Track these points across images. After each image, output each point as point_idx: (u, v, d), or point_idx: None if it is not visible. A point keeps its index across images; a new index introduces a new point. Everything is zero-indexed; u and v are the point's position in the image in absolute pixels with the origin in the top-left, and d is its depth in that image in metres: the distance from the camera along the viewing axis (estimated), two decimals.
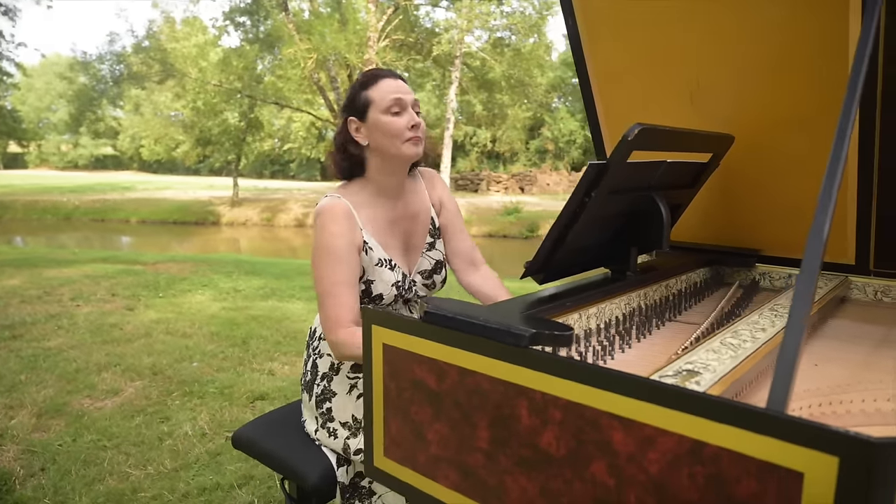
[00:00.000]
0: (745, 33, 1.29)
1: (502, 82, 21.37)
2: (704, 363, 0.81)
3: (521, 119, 26.61)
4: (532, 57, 20.87)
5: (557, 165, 30.69)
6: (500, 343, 0.86)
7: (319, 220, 1.40)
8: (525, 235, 16.62)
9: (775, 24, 1.24)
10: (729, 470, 0.67)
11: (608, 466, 0.76)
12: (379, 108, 1.38)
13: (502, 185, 27.20)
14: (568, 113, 31.96)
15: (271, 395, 3.16)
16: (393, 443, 1.04)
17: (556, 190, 27.32)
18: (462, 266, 1.64)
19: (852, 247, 1.39)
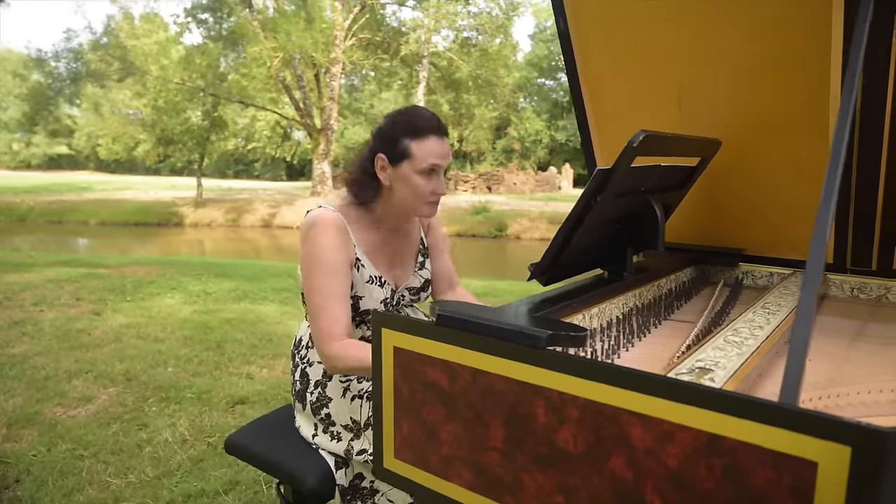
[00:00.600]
0: (731, 40, 1.34)
1: (469, 82, 21.49)
2: (714, 360, 0.85)
3: (487, 119, 26.79)
4: (499, 57, 21.05)
5: (524, 165, 30.98)
6: (517, 344, 0.88)
7: (313, 231, 1.39)
8: (494, 235, 16.74)
9: (760, 31, 1.30)
10: (745, 461, 0.70)
11: (627, 461, 0.79)
12: (415, 167, 1.36)
13: (470, 184, 27.32)
14: (534, 113, 32.30)
15: (251, 399, 3.13)
16: (404, 444, 1.05)
17: (523, 189, 27.56)
18: (442, 287, 1.67)
19: (831, 246, 1.46)
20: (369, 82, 30.86)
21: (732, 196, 1.56)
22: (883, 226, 1.35)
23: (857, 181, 1.33)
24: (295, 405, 1.61)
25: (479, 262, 14.04)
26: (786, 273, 1.54)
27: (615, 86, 1.51)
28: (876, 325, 1.25)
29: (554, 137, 32.15)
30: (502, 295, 6.50)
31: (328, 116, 19.46)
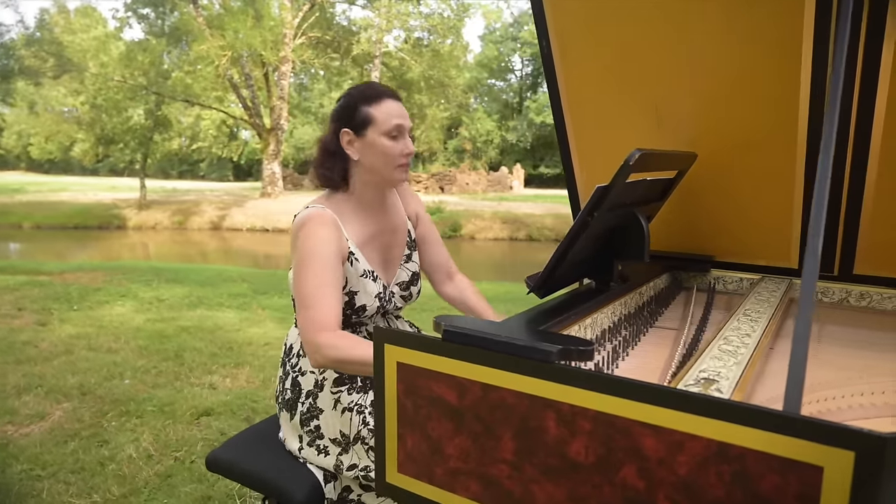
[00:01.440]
0: (706, 60, 1.40)
1: (421, 82, 21.49)
2: (716, 371, 0.90)
3: (439, 119, 26.85)
4: (450, 58, 21.14)
5: (476, 165, 31.22)
6: (527, 359, 0.90)
7: (305, 229, 1.38)
8: (448, 235, 16.80)
9: (733, 51, 1.36)
10: (753, 468, 0.75)
11: (638, 470, 0.83)
12: (379, 129, 1.38)
13: (422, 184, 27.33)
14: (485, 113, 32.60)
15: (217, 411, 3.06)
16: (408, 458, 1.06)
17: (476, 189, 27.77)
18: (440, 277, 1.69)
19: (796, 253, 1.55)
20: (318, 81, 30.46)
21: (704, 206, 1.63)
22: (845, 233, 1.45)
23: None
24: (280, 415, 1.58)
25: None
26: (754, 278, 1.62)
27: (596, 103, 1.56)
28: (835, 328, 1.34)
29: (505, 138, 32.52)
30: None
31: (278, 116, 19.10)
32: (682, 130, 1.50)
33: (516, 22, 33.23)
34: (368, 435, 1.44)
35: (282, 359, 1.62)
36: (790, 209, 1.47)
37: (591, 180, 1.70)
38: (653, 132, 1.53)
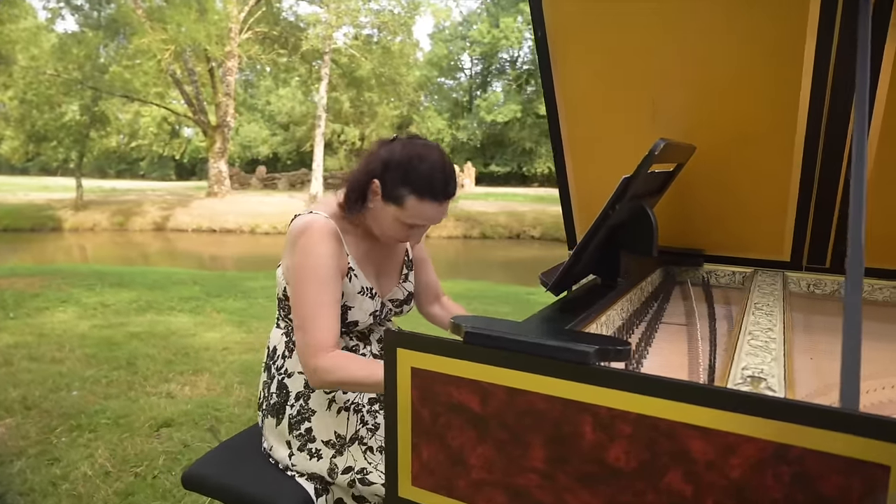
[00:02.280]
0: (704, 54, 1.39)
1: (372, 80, 21.25)
2: (759, 368, 0.86)
3: (389, 117, 26.64)
4: (401, 55, 20.99)
5: None
6: (560, 361, 0.85)
7: (306, 238, 1.32)
8: None
9: (731, 47, 1.35)
10: (814, 468, 0.71)
11: (685, 475, 0.78)
12: (402, 216, 1.31)
13: None
14: (435, 112, 32.52)
15: (177, 421, 2.89)
16: (424, 470, 0.99)
17: None
18: (429, 298, 1.68)
19: (789, 246, 1.55)
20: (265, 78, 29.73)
21: (697, 200, 1.62)
22: (838, 225, 1.46)
23: (819, 184, 1.42)
24: (264, 422, 1.48)
25: None
26: (747, 272, 1.62)
27: (591, 95, 1.53)
28: (829, 319, 1.34)
29: (455, 136, 32.56)
30: None
31: (224, 113, 18.52)
32: (677, 124, 1.48)
33: (465, 21, 33.31)
34: (367, 435, 1.38)
35: (265, 363, 1.53)
36: (785, 203, 1.48)
37: (582, 173, 1.67)
38: (647, 126, 1.51)
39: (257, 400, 1.54)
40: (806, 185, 1.43)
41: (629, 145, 1.61)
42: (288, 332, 1.48)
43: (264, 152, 34.34)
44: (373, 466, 1.36)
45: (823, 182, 1.42)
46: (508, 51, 32.84)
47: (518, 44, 31.86)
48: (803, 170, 1.41)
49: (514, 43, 31.49)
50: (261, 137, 34.29)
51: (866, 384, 0.95)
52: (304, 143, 28.27)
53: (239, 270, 8.82)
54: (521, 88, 32.14)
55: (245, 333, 4.58)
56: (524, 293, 7.02)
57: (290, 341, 1.47)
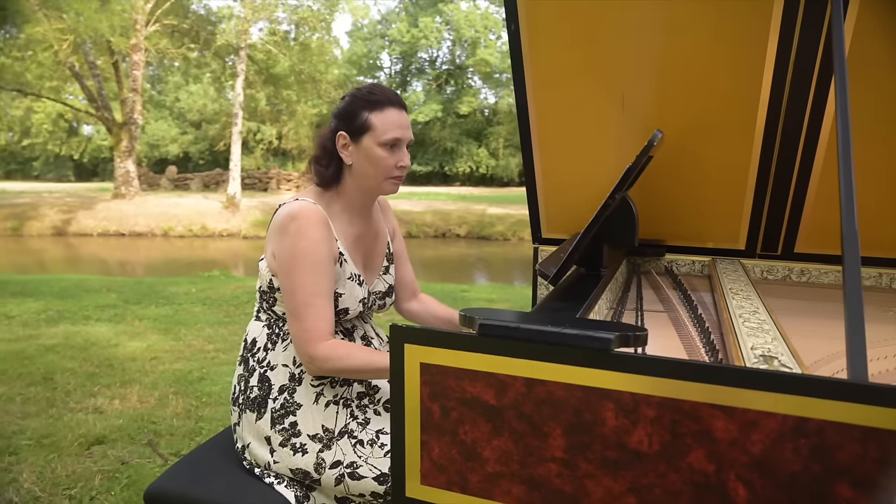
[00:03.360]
0: (672, 50, 1.44)
1: (290, 77, 20.69)
2: (765, 347, 0.90)
3: (308, 116, 26.06)
4: (320, 52, 20.57)
5: None
6: (580, 349, 0.85)
7: (296, 225, 1.30)
8: None
9: (698, 44, 1.41)
10: (832, 439, 0.75)
11: (708, 454, 0.81)
12: (377, 139, 1.33)
13: (293, 183, 26.43)
14: None
15: (110, 438, 2.69)
16: (434, 468, 0.97)
17: None
18: (406, 294, 1.68)
19: (745, 236, 1.64)
20: (174, 73, 28.25)
21: (659, 191, 1.68)
22: (790, 215, 1.56)
23: (774, 177, 1.52)
24: (242, 417, 1.41)
25: None
26: (705, 260, 1.70)
27: (562, 87, 1.55)
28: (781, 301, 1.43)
29: None
30: None
31: (130, 110, 17.43)
32: (644, 118, 1.53)
33: (384, 19, 33.10)
34: (358, 428, 1.36)
35: (241, 355, 1.47)
36: (742, 195, 1.56)
37: (549, 166, 1.70)
38: (617, 118, 1.55)
39: (231, 395, 1.47)
40: (762, 177, 1.52)
41: (599, 137, 1.66)
42: (270, 323, 1.44)
43: (174, 151, 32.63)
44: (363, 460, 1.32)
45: (778, 175, 1.51)
46: (428, 50, 32.95)
47: (437, 44, 32.05)
48: (760, 163, 1.50)
49: (433, 43, 31.64)
50: (170, 136, 32.57)
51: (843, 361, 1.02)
52: (218, 141, 27.09)
53: (156, 276, 8.33)
54: (441, 88, 32.35)
55: (173, 341, 4.34)
56: (459, 291, 7.07)
57: (273, 333, 1.42)
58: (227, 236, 16.29)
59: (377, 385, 1.45)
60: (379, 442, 1.35)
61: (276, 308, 1.43)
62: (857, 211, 0.87)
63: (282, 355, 1.40)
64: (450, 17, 30.90)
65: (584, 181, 1.69)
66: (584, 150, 1.65)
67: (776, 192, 1.53)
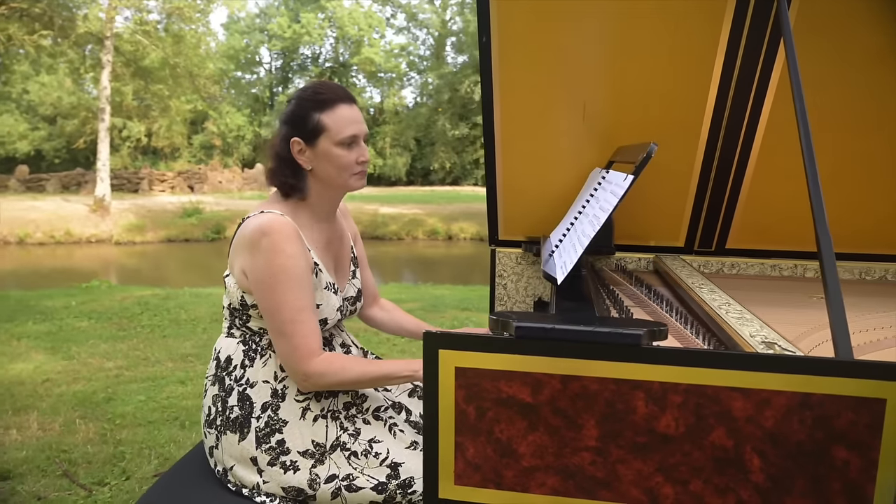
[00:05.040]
0: (632, 67, 1.59)
1: (163, 70, 19.32)
2: (761, 334, 1.03)
3: (182, 112, 24.51)
4: (195, 45, 19.42)
5: (227, 162, 29.22)
6: (613, 345, 0.93)
7: (269, 241, 1.26)
8: (210, 238, 15.47)
9: (653, 59, 1.56)
10: (831, 409, 0.89)
11: (728, 431, 0.92)
12: (332, 139, 1.31)
13: (167, 183, 24.73)
14: (233, 107, 30.66)
15: (17, 472, 2.41)
16: (469, 467, 1.01)
17: (230, 188, 26.02)
18: (368, 300, 1.68)
19: (684, 234, 1.83)
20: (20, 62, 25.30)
21: None
22: (724, 214, 1.76)
23: (714, 180, 1.70)
24: (221, 440, 1.34)
25: (197, 268, 12.87)
26: (650, 257, 1.87)
27: (527, 96, 1.64)
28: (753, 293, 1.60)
29: (258, 133, 31.05)
30: None
31: None
32: (602, 126, 1.66)
33: (263, 13, 31.86)
34: (350, 440, 1.34)
35: (214, 375, 1.40)
36: (685, 198, 1.74)
37: (510, 172, 1.78)
38: (578, 126, 1.66)
39: (205, 417, 1.39)
40: (703, 182, 1.70)
41: (559, 144, 1.76)
42: (245, 339, 1.39)
43: (23, 149, 29.20)
44: (359, 472, 1.31)
45: (717, 179, 1.70)
46: (310, 47, 32.16)
47: (320, 40, 31.38)
48: (702, 169, 1.68)
49: (316, 39, 30.94)
50: (18, 132, 29.13)
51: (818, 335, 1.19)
52: (77, 138, 24.70)
53: (22, 289, 7.48)
54: None
55: (65, 361, 3.95)
56: None
57: (250, 349, 1.37)
58: (96, 242, 14.93)
59: (363, 394, 1.45)
60: (373, 451, 1.35)
61: (251, 324, 1.38)
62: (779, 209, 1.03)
63: (261, 371, 1.36)
64: (332, 13, 30.37)
65: (542, 186, 1.80)
66: (545, 156, 1.75)
67: (714, 195, 1.72)
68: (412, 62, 32.98)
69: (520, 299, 1.95)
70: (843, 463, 0.90)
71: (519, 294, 1.95)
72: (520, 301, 1.95)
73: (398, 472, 1.32)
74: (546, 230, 1.83)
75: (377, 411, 1.43)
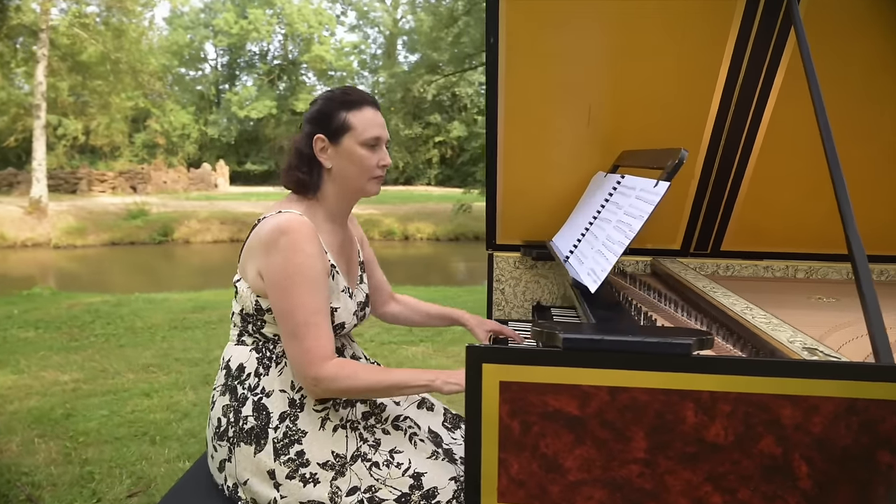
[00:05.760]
0: (635, 73, 1.60)
1: (104, 65, 18.46)
2: (797, 339, 1.04)
3: (123, 109, 23.49)
4: (137, 40, 18.66)
5: (172, 161, 28.18)
6: (663, 355, 0.92)
7: (288, 240, 1.22)
8: (158, 240, 14.87)
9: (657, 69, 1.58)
10: (877, 414, 0.90)
11: (776, 439, 0.92)
12: (357, 139, 1.30)
13: (108, 184, 23.63)
14: (178, 104, 29.59)
15: None
16: (513, 484, 0.98)
17: (175, 188, 25.09)
18: (383, 299, 1.66)
19: (681, 236, 1.84)
20: None
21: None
22: (722, 216, 1.79)
23: (713, 184, 1.72)
24: (235, 453, 1.27)
25: (143, 273, 12.35)
26: (647, 260, 1.88)
27: (533, 99, 1.62)
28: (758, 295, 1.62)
29: (204, 132, 30.11)
30: (217, 307, 5.92)
31: None
32: (606, 131, 1.66)
33: (208, 8, 30.85)
34: (370, 451, 1.30)
35: (224, 385, 1.34)
36: (685, 200, 1.75)
37: (512, 176, 1.76)
38: (583, 130, 1.66)
39: (214, 429, 1.32)
40: (702, 186, 1.72)
41: (562, 148, 1.75)
42: (258, 347, 1.33)
43: None
44: (381, 483, 1.26)
45: (716, 183, 1.72)
46: (258, 44, 31.39)
47: (269, 37, 30.66)
48: (702, 172, 1.70)
49: (264, 36, 30.22)
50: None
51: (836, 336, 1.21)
52: (7, 136, 23.33)
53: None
54: (274, 84, 31.04)
55: (14, 375, 3.71)
56: None
57: (265, 357, 1.32)
58: (32, 246, 14.15)
59: (382, 403, 1.40)
60: (395, 462, 1.30)
61: (266, 330, 1.32)
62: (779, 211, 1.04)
63: (277, 380, 1.30)
64: (281, 10, 29.75)
65: (543, 189, 1.78)
66: (547, 159, 1.73)
67: (713, 198, 1.75)
68: (364, 61, 32.69)
69: (518, 304, 1.93)
70: (888, 467, 0.91)
71: (517, 298, 1.93)
72: (518, 306, 1.93)
73: (421, 483, 1.28)
74: (545, 234, 1.82)
75: (396, 420, 1.39)
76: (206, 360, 4.04)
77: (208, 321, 5.25)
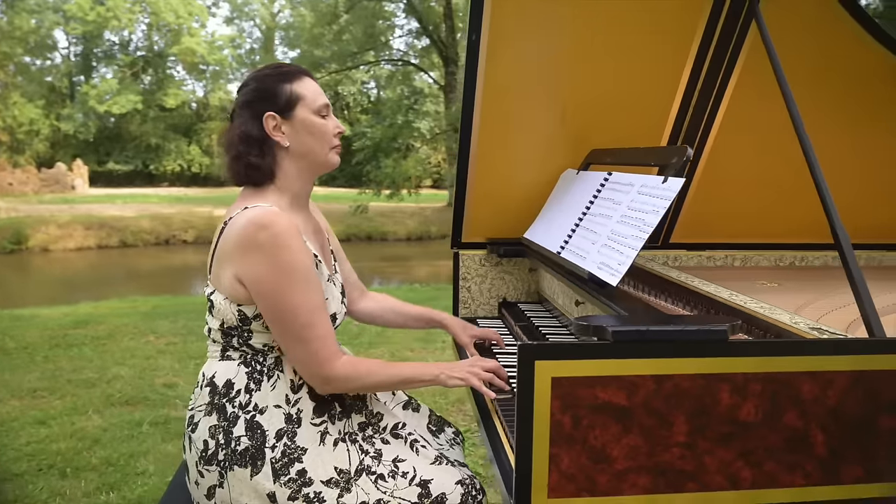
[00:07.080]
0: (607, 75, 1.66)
1: None
2: (797, 320, 1.14)
3: None
4: None
5: (18, 161, 25.17)
6: (703, 342, 0.97)
7: (269, 235, 1.14)
8: (9, 249, 13.18)
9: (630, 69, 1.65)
10: (879, 382, 1.01)
11: (799, 413, 1.00)
12: (310, 107, 1.25)
13: None
14: (24, 97, 26.43)
15: None
16: (563, 478, 0.99)
17: (25, 190, 22.47)
18: (355, 295, 1.58)
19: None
20: None
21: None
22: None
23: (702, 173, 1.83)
24: (228, 478, 1.16)
25: None
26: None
27: (509, 97, 1.62)
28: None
29: (56, 128, 27.18)
30: (101, 321, 5.38)
31: None
32: (578, 130, 1.71)
33: None
34: (373, 463, 1.24)
35: (210, 403, 1.22)
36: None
37: (483, 175, 1.76)
38: (555, 130, 1.70)
39: (199, 453, 1.20)
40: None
41: (534, 147, 1.78)
42: (247, 360, 1.23)
43: None
44: (389, 495, 1.21)
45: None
46: (118, 33, 28.84)
47: (130, 26, 28.27)
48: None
49: (126, 24, 27.81)
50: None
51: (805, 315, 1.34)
52: None
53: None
54: (138, 77, 28.70)
55: None
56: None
57: (255, 371, 1.22)
58: None
59: (379, 413, 1.35)
60: (400, 472, 1.26)
61: (254, 342, 1.22)
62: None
63: (271, 395, 1.21)
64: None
65: (510, 189, 1.81)
66: (518, 159, 1.76)
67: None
68: (239, 56, 31.16)
69: (484, 301, 1.94)
70: (890, 430, 1.03)
71: (483, 296, 1.94)
72: (484, 303, 1.94)
73: (429, 490, 1.24)
74: (511, 231, 1.84)
75: (395, 429, 1.34)
76: (104, 379, 3.66)
77: (95, 336, 4.76)
